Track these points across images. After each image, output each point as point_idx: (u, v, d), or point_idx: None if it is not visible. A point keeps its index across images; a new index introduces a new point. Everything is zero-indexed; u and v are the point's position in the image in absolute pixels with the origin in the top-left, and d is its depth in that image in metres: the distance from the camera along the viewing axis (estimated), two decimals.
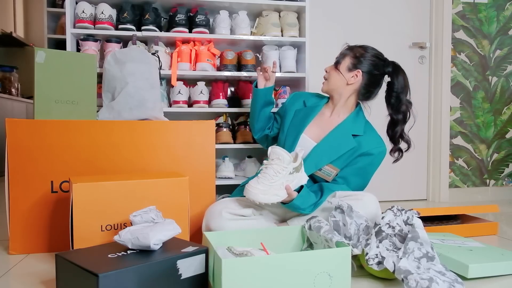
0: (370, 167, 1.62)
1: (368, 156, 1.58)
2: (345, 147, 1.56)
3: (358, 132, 1.60)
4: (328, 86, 1.67)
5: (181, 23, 2.04)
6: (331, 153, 1.56)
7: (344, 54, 1.65)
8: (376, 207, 1.46)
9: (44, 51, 1.57)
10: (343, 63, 1.63)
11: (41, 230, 1.51)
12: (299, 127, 1.65)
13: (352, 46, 1.67)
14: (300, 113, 1.69)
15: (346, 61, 1.63)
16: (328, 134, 1.60)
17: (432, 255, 1.16)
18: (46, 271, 1.31)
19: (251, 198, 1.35)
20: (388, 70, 1.65)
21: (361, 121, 1.64)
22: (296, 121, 1.67)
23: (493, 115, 2.81)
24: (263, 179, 1.37)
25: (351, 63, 1.62)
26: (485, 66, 2.78)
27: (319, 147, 1.58)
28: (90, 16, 1.95)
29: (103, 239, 1.29)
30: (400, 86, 1.63)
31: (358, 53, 1.63)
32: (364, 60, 1.62)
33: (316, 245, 1.27)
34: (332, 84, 1.65)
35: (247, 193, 1.36)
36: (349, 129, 1.60)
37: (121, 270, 0.96)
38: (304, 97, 1.75)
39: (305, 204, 1.45)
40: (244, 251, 1.13)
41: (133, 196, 1.35)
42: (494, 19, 2.77)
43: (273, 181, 1.37)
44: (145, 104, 1.71)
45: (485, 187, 2.83)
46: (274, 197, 1.37)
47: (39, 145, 1.49)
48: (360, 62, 1.62)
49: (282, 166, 1.38)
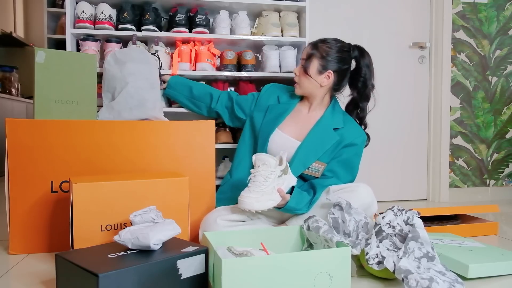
0: (355, 157, 1.63)
1: (353, 147, 1.60)
2: (328, 142, 1.57)
3: (338, 125, 1.61)
4: (302, 90, 1.65)
5: (181, 23, 2.04)
6: (316, 150, 1.57)
7: (310, 55, 1.60)
8: (370, 197, 1.46)
9: (44, 51, 1.57)
10: (311, 67, 1.60)
11: (41, 230, 1.51)
12: (273, 123, 1.64)
13: (314, 43, 1.63)
14: (274, 109, 1.68)
15: (314, 64, 1.59)
16: (310, 132, 1.60)
17: (432, 255, 1.16)
18: (46, 271, 1.31)
19: (247, 208, 1.34)
20: (355, 55, 1.65)
21: (338, 113, 1.65)
22: (270, 117, 1.66)
23: (493, 115, 2.81)
24: (254, 187, 1.37)
25: (320, 65, 1.59)
26: (485, 66, 2.78)
27: (303, 146, 1.58)
28: (90, 16, 1.95)
29: (103, 239, 1.29)
30: (368, 71, 1.64)
31: (324, 52, 1.59)
32: (332, 59, 1.59)
33: (316, 245, 1.27)
34: (305, 89, 1.64)
35: (241, 204, 1.35)
36: (329, 124, 1.61)
37: (121, 270, 0.96)
38: (279, 92, 1.74)
39: (300, 204, 1.45)
40: (244, 251, 1.13)
41: (133, 196, 1.35)
42: (494, 19, 2.77)
43: (264, 187, 1.36)
44: (145, 104, 1.71)
45: (485, 187, 2.83)
46: (269, 202, 1.37)
47: (39, 145, 1.49)
48: (328, 61, 1.59)
49: (270, 171, 1.38)
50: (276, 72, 2.13)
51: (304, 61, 1.62)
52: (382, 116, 1.71)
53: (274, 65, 2.13)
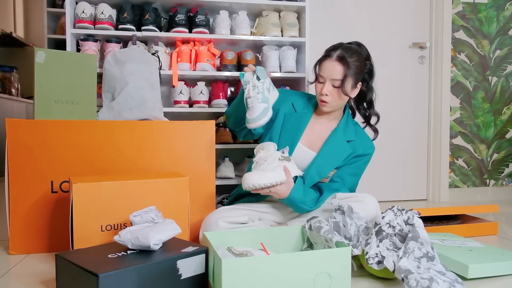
0: (364, 165, 1.65)
1: (363, 157, 1.62)
2: (343, 154, 1.58)
3: (351, 137, 1.61)
4: (333, 108, 1.58)
5: (181, 23, 2.04)
6: (331, 162, 1.57)
7: (345, 75, 1.50)
8: (376, 209, 1.47)
9: (44, 51, 1.57)
10: (347, 85, 1.51)
11: (41, 230, 1.51)
12: (294, 137, 1.58)
13: (342, 58, 1.50)
14: (291, 119, 1.61)
15: (348, 82, 1.52)
16: (325, 144, 1.58)
17: (432, 255, 1.16)
18: (46, 271, 1.31)
19: (250, 183, 1.32)
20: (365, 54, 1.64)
21: (351, 125, 1.64)
22: (289, 129, 1.60)
23: (493, 115, 2.81)
24: (255, 169, 1.38)
25: (353, 81, 1.54)
26: (485, 66, 2.78)
27: (319, 158, 1.56)
28: (90, 16, 1.95)
29: (103, 239, 1.29)
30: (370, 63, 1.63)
31: (355, 68, 1.52)
32: (361, 72, 1.57)
33: (316, 245, 1.27)
34: (337, 106, 1.58)
35: (243, 181, 1.33)
36: (343, 136, 1.60)
37: (121, 270, 0.96)
38: (292, 98, 1.66)
39: (307, 197, 1.46)
40: (244, 251, 1.13)
41: (133, 196, 1.35)
42: (494, 19, 2.77)
43: (264, 166, 1.37)
44: (145, 104, 1.71)
45: (485, 187, 2.83)
46: (272, 177, 1.34)
47: (39, 145, 1.49)
48: (358, 75, 1.56)
49: (269, 154, 1.40)
50: (276, 72, 2.13)
51: (338, 82, 1.51)
52: (382, 116, 1.71)
53: (274, 65, 2.14)
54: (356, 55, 1.54)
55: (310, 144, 1.61)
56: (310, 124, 1.63)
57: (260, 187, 1.34)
